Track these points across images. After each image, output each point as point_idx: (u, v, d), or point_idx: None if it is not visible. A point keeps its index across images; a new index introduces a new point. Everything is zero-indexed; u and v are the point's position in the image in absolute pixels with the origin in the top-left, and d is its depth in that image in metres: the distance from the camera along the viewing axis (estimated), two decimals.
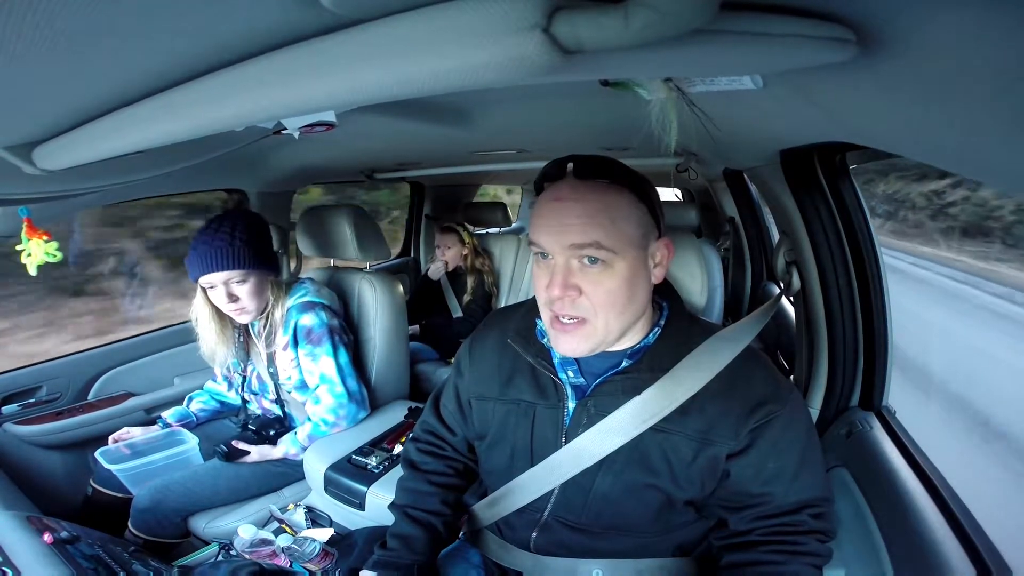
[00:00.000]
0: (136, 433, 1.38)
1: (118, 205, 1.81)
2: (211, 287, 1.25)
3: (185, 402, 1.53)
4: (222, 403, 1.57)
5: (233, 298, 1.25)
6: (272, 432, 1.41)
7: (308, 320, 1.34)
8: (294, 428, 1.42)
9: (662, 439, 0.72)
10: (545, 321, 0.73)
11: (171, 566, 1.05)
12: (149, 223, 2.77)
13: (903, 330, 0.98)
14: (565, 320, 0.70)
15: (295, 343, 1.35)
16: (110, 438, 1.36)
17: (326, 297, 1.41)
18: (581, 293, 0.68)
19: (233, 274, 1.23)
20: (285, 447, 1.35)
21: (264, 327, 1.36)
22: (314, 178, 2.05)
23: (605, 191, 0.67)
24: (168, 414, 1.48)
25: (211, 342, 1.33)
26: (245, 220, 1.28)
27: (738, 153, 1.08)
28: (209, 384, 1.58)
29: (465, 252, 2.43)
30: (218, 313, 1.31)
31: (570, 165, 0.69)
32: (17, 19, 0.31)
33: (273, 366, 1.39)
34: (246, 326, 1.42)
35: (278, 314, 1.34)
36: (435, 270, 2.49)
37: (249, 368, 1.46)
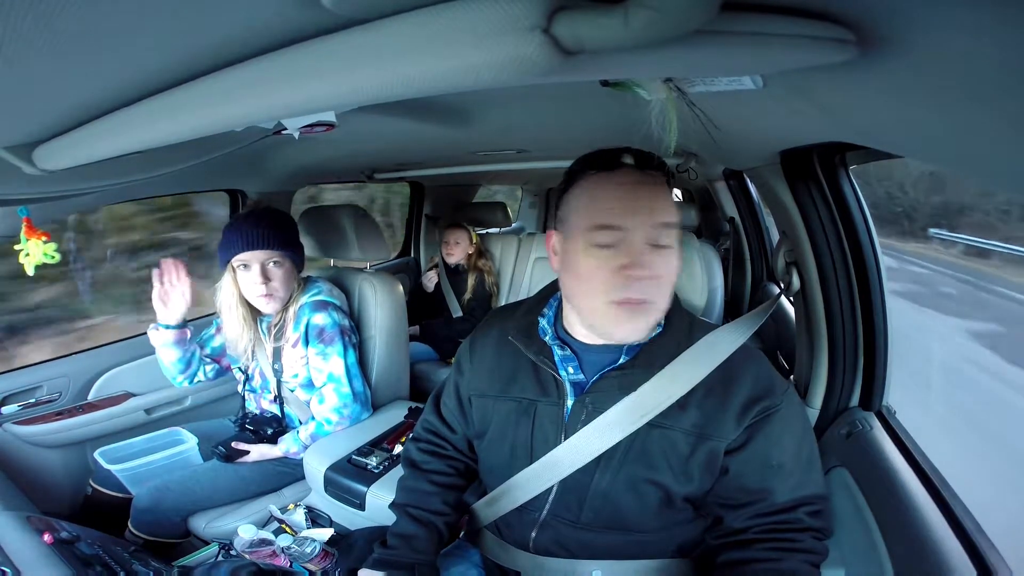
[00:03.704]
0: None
1: None
2: (246, 267, 1.26)
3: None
4: (192, 354, 1.41)
5: (267, 279, 1.26)
6: (270, 431, 1.41)
7: (321, 319, 1.34)
8: (293, 428, 1.42)
9: (660, 434, 0.72)
10: (598, 307, 0.70)
11: (171, 566, 1.05)
12: None
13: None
14: (633, 299, 0.68)
15: (306, 341, 1.35)
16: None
17: (337, 297, 1.42)
18: (655, 274, 0.69)
19: (274, 254, 1.27)
20: (286, 445, 1.35)
21: (276, 322, 1.37)
22: (314, 178, 2.05)
23: (659, 180, 0.71)
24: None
25: (236, 328, 1.33)
26: (284, 214, 1.36)
27: (738, 153, 1.08)
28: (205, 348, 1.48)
29: (471, 251, 2.45)
30: (243, 300, 1.32)
31: (627, 157, 0.72)
32: (17, 19, 0.31)
33: (278, 362, 1.39)
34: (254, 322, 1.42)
35: (291, 310, 1.35)
36: (428, 280, 2.54)
37: (252, 365, 1.46)
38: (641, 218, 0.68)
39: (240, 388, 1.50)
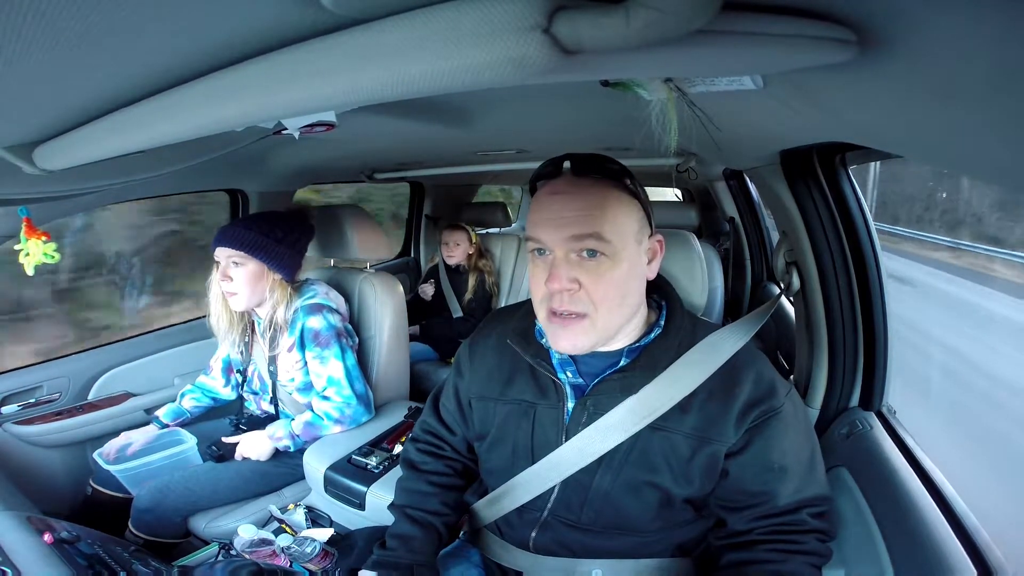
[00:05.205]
0: (135, 437, 1.38)
1: None
2: (216, 263, 1.33)
3: (177, 399, 1.53)
4: (215, 399, 1.56)
5: (227, 277, 1.31)
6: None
7: (316, 323, 1.34)
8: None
9: (661, 437, 0.72)
10: (541, 319, 0.73)
11: (171, 566, 1.05)
12: None
13: None
14: (563, 314, 0.69)
15: (302, 345, 1.35)
16: (111, 443, 1.35)
17: (334, 300, 1.43)
18: (580, 287, 0.68)
19: (233, 254, 1.30)
20: (275, 430, 1.35)
21: (268, 328, 1.37)
22: (314, 178, 2.05)
23: (602, 186, 0.69)
24: (162, 413, 1.48)
25: (216, 316, 1.39)
26: (281, 219, 1.38)
27: (738, 153, 1.08)
28: (201, 379, 1.57)
29: (471, 252, 2.45)
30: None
31: (567, 163, 0.70)
32: (17, 19, 0.31)
33: (273, 365, 1.39)
34: (253, 324, 1.43)
35: (281, 315, 1.35)
36: (424, 293, 2.56)
37: (251, 368, 1.47)
38: (559, 230, 0.67)
39: (241, 389, 1.51)
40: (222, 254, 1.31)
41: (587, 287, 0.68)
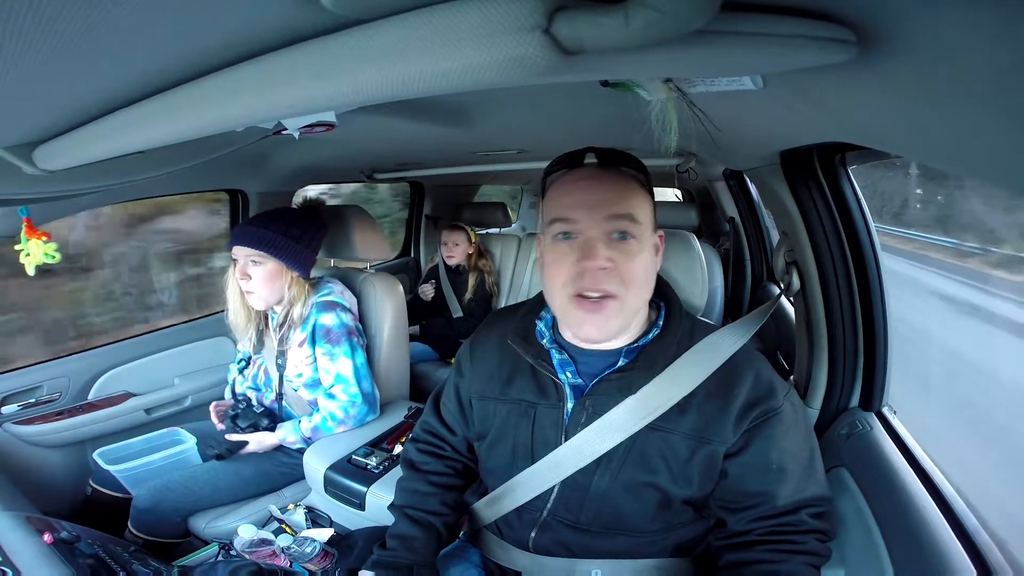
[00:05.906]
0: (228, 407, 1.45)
1: None
2: (235, 261, 1.34)
3: (236, 370, 1.57)
4: None
5: (245, 276, 1.32)
6: (262, 426, 1.41)
7: (328, 320, 1.36)
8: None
9: (659, 438, 0.72)
10: (562, 305, 0.72)
11: (171, 566, 1.05)
12: None
13: None
14: (592, 296, 0.69)
15: (312, 341, 1.37)
16: (212, 406, 1.44)
17: (348, 300, 1.44)
18: (614, 266, 0.69)
19: (252, 253, 1.31)
20: (285, 433, 1.36)
21: (282, 323, 1.38)
22: (314, 178, 2.05)
23: (625, 177, 0.72)
24: (242, 389, 1.53)
25: (233, 312, 1.41)
26: (297, 217, 1.38)
27: (738, 153, 1.08)
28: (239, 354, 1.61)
29: (471, 252, 2.45)
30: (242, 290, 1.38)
31: (590, 155, 0.73)
32: (17, 19, 0.31)
33: (282, 359, 1.40)
34: (266, 317, 1.45)
35: (297, 311, 1.37)
36: (424, 294, 2.56)
37: (259, 361, 1.47)
38: (594, 210, 0.69)
39: (247, 382, 1.51)
40: (240, 253, 1.32)
41: (620, 267, 0.69)
